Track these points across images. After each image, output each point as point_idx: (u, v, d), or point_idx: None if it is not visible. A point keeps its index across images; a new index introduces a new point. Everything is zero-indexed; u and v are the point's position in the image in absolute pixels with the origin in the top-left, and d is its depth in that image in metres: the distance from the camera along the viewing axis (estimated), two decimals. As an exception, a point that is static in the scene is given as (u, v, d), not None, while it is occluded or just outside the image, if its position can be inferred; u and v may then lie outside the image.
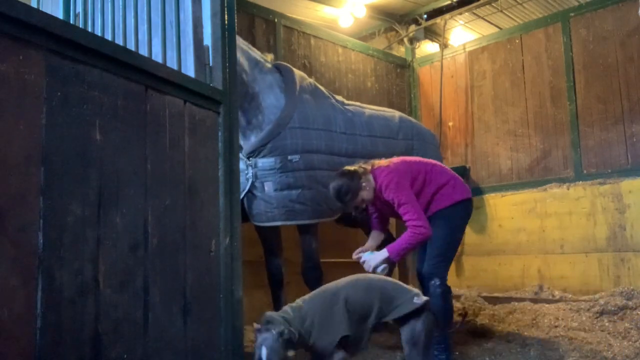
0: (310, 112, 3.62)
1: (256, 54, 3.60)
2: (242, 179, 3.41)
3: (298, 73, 3.81)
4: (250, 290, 3.64)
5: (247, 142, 3.47)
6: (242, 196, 3.39)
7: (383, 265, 3.16)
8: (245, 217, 3.45)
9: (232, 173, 2.05)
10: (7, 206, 1.26)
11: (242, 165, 3.37)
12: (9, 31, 1.29)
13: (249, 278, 3.35)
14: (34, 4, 2.79)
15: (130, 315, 1.57)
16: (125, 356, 1.53)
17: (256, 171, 3.44)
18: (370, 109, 4.21)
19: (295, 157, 3.43)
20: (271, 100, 3.51)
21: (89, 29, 2.51)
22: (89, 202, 1.47)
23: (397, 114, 4.38)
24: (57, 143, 1.40)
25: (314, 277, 3.53)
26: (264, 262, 3.73)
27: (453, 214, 3.24)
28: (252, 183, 3.44)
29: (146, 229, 1.65)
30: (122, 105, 1.62)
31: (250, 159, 3.45)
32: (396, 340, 4.00)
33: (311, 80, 3.93)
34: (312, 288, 3.43)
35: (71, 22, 2.60)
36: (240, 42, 3.30)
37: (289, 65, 3.86)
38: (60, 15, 2.65)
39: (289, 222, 3.47)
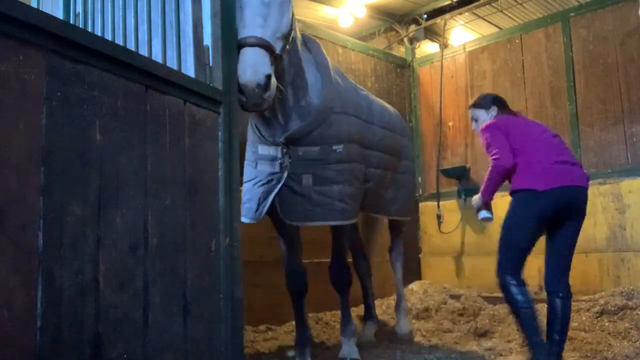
0: (346, 97, 3.16)
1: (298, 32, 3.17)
2: (273, 168, 2.96)
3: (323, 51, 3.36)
4: (250, 290, 3.65)
5: (287, 125, 2.94)
6: (275, 190, 2.93)
7: (483, 213, 3.28)
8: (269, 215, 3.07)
9: (232, 173, 2.05)
10: (7, 206, 1.26)
11: (272, 152, 2.96)
12: (9, 31, 1.29)
13: (248, 278, 3.35)
14: (34, 4, 2.79)
15: (130, 315, 1.57)
16: (125, 356, 1.53)
17: (294, 161, 2.92)
18: (374, 98, 3.85)
19: (339, 148, 2.97)
20: (311, 79, 3.01)
21: (89, 29, 2.51)
22: (89, 202, 1.47)
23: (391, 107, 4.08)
24: (57, 143, 1.40)
25: (345, 281, 3.29)
26: (283, 265, 3.37)
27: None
28: (288, 175, 2.93)
29: (146, 229, 1.65)
30: (122, 105, 1.62)
31: (290, 146, 2.92)
32: (396, 340, 4.00)
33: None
34: (340, 292, 3.31)
35: (71, 22, 2.60)
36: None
37: (314, 40, 3.38)
38: (60, 15, 2.65)
39: (328, 223, 3.03)
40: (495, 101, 3.32)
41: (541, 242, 3.24)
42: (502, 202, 5.47)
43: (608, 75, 5.07)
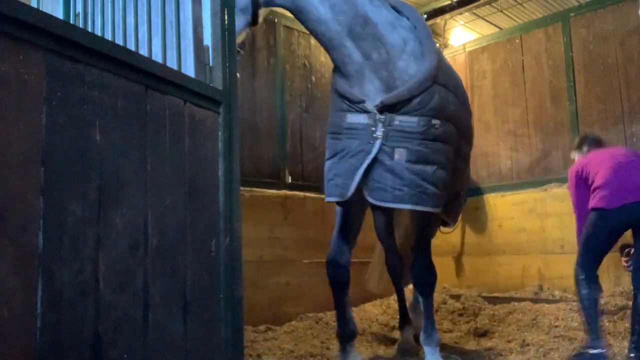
0: (446, 70, 2.78)
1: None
2: (365, 137, 2.63)
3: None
4: (250, 290, 3.65)
5: (371, 84, 2.67)
6: (366, 162, 2.62)
7: None
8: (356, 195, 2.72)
9: (232, 173, 2.05)
10: (7, 206, 1.26)
11: (364, 120, 2.65)
12: (9, 31, 1.29)
13: (249, 278, 3.36)
14: (34, 4, 2.79)
15: (130, 315, 1.57)
16: (125, 356, 1.53)
17: (389, 131, 2.61)
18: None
19: (438, 123, 2.64)
20: (396, 41, 2.69)
21: (89, 29, 2.51)
22: (89, 202, 1.47)
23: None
24: (57, 143, 1.40)
25: (429, 282, 2.93)
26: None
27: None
28: (380, 147, 2.61)
29: (146, 229, 1.65)
30: (122, 105, 1.62)
31: (385, 113, 2.61)
32: (397, 339, 4.00)
33: None
34: (422, 294, 2.93)
35: (71, 22, 2.60)
36: None
37: (407, 4, 3.05)
38: (60, 15, 2.65)
39: (418, 207, 2.67)
40: (586, 141, 3.76)
41: (539, 243, 3.26)
42: (502, 202, 5.46)
43: (608, 75, 5.07)
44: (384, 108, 2.60)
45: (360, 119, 2.64)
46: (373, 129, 2.60)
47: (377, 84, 2.63)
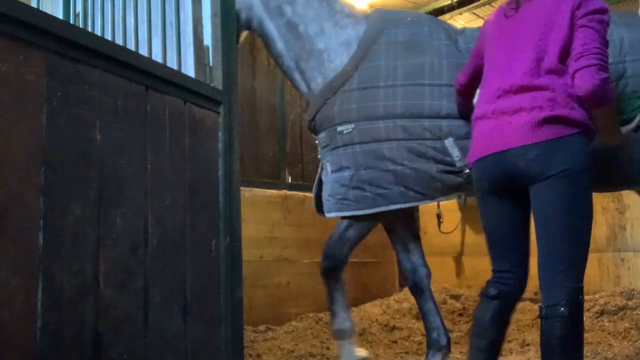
0: (387, 64, 2.72)
1: (338, 3, 2.94)
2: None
3: (394, 14, 2.98)
4: (250, 290, 3.65)
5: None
6: (316, 182, 2.90)
7: None
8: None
9: (232, 173, 2.05)
10: (7, 206, 1.26)
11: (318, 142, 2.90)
12: (9, 31, 1.29)
13: (249, 278, 3.36)
14: (34, 4, 2.78)
15: (130, 315, 1.57)
16: (125, 356, 1.53)
17: (320, 149, 2.82)
18: None
19: (347, 128, 2.67)
20: (342, 61, 2.77)
21: (89, 29, 2.51)
22: (89, 202, 1.47)
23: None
24: (57, 143, 1.40)
25: (324, 266, 2.97)
26: (397, 263, 3.13)
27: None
28: (321, 166, 2.85)
29: (146, 229, 1.65)
30: (122, 105, 1.62)
31: (315, 135, 2.84)
32: (397, 340, 4.01)
33: (420, 16, 3.08)
34: (325, 280, 2.94)
35: (71, 22, 2.60)
36: None
37: (382, 9, 3.06)
38: (60, 15, 2.65)
39: (341, 213, 2.74)
40: None
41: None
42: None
43: (608, 75, 5.07)
44: (312, 130, 2.83)
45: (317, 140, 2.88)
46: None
47: (309, 110, 2.79)
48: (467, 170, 2.55)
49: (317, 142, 2.85)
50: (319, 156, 2.87)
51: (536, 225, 2.16)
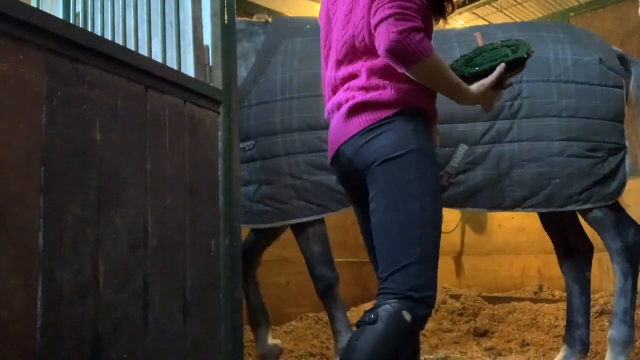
0: (283, 77, 2.66)
1: (240, 21, 2.83)
2: None
3: (294, 22, 2.93)
4: (250, 290, 3.65)
5: None
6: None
7: None
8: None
9: (232, 173, 2.05)
10: (7, 206, 1.26)
11: None
12: (9, 31, 1.29)
13: (249, 278, 3.35)
14: (34, 4, 2.78)
15: (130, 315, 1.57)
16: (125, 356, 1.53)
17: None
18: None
19: (249, 145, 2.66)
20: (241, 74, 2.68)
21: (89, 29, 2.51)
22: (89, 202, 1.47)
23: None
24: (57, 143, 1.40)
25: (318, 289, 2.86)
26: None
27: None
28: None
29: (146, 229, 1.65)
30: (122, 106, 1.62)
31: None
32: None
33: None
34: (324, 304, 2.92)
35: (71, 22, 2.60)
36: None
37: (282, 18, 3.04)
38: (60, 15, 2.65)
39: (249, 226, 2.82)
40: None
41: (539, 243, 3.22)
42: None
43: (608, 75, 5.07)
44: None
45: None
46: None
47: None
48: None
49: None
50: None
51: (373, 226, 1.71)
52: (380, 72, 1.67)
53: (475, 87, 1.71)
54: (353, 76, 1.74)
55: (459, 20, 7.07)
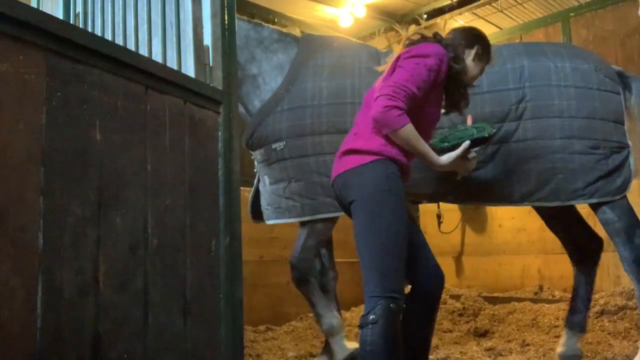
0: (312, 86, 2.98)
1: (266, 30, 3.15)
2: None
3: (322, 39, 3.24)
4: (250, 290, 3.65)
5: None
6: (252, 192, 3.20)
7: None
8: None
9: (232, 173, 2.05)
10: (7, 206, 1.26)
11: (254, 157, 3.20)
12: (9, 31, 1.29)
13: (249, 278, 3.35)
14: (34, 4, 2.79)
15: (130, 315, 1.57)
16: (125, 356, 1.53)
17: (257, 164, 3.14)
18: None
19: (279, 145, 2.94)
20: (277, 83, 3.04)
21: (89, 29, 2.52)
22: (89, 202, 1.47)
23: (505, 49, 3.08)
24: (57, 143, 1.40)
25: (294, 277, 3.13)
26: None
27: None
28: (258, 179, 3.18)
29: (146, 229, 1.65)
30: (122, 106, 1.62)
31: (252, 152, 3.14)
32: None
33: (347, 41, 3.33)
34: (301, 291, 3.14)
35: (71, 22, 2.60)
36: (239, 21, 2.87)
37: (313, 34, 3.34)
38: (60, 15, 2.65)
39: (278, 220, 3.10)
40: None
41: (539, 243, 3.24)
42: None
43: (608, 75, 5.07)
44: (250, 148, 3.11)
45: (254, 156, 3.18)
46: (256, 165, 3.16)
47: (246, 129, 3.07)
48: None
49: (253, 157, 3.15)
50: (255, 170, 3.18)
51: None
52: (373, 127, 2.17)
53: (445, 157, 2.23)
54: (355, 124, 2.32)
55: (459, 20, 7.07)
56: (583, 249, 3.26)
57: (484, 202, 3.07)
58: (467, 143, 2.21)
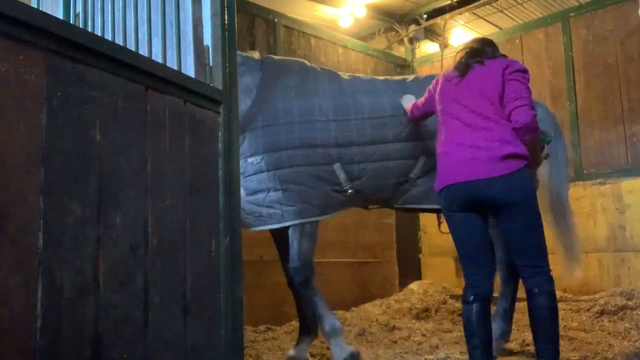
0: (284, 106, 3.31)
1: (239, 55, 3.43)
2: None
3: (284, 62, 3.57)
4: (250, 290, 3.65)
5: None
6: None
7: None
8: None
9: (232, 173, 2.05)
10: (7, 206, 1.26)
11: None
12: (9, 31, 1.29)
13: (249, 278, 3.35)
14: (34, 4, 2.79)
15: (130, 315, 1.57)
16: (125, 356, 1.53)
17: None
18: (398, 81, 3.77)
19: (257, 159, 3.22)
20: (247, 104, 3.27)
21: (89, 29, 2.51)
22: (89, 202, 1.47)
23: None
24: (57, 143, 1.40)
25: (296, 281, 3.28)
26: (282, 264, 3.54)
27: None
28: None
29: (146, 229, 1.65)
30: (122, 105, 1.62)
31: None
32: (397, 340, 4.00)
33: (305, 65, 3.61)
34: (297, 292, 3.36)
35: (71, 22, 2.60)
36: None
37: (273, 57, 3.63)
38: (60, 15, 2.65)
39: (260, 228, 3.32)
40: None
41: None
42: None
43: (608, 75, 5.07)
44: None
45: None
46: None
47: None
48: (350, 191, 3.33)
49: None
50: None
51: (511, 234, 2.67)
52: (511, 133, 2.61)
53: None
54: (489, 129, 2.64)
55: (459, 20, 7.07)
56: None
57: (426, 205, 3.60)
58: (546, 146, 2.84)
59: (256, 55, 3.52)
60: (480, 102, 2.67)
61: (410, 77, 3.89)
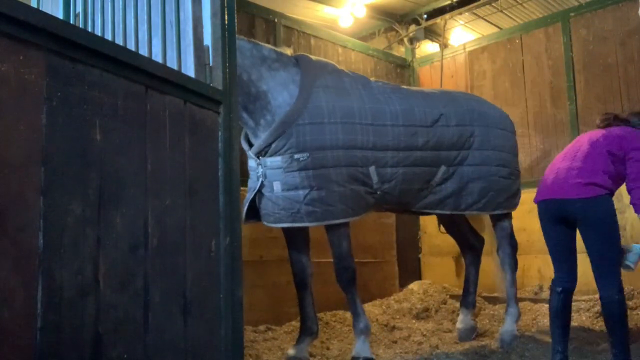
0: (327, 105, 3.40)
1: (265, 49, 3.47)
2: (253, 177, 3.43)
3: (319, 62, 3.65)
4: (250, 290, 3.65)
5: (257, 141, 3.39)
6: (251, 195, 3.38)
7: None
8: (257, 215, 3.45)
9: (232, 173, 2.05)
10: (7, 206, 1.26)
11: (252, 164, 3.41)
12: (9, 31, 1.29)
13: (249, 278, 3.35)
14: (34, 4, 2.79)
15: (130, 315, 1.57)
16: (125, 356, 1.53)
17: (265, 170, 3.34)
18: (419, 92, 4.00)
19: (303, 156, 3.26)
20: (284, 98, 3.37)
21: (89, 29, 2.51)
22: (89, 202, 1.47)
23: (460, 96, 4.11)
24: (57, 143, 1.40)
25: (345, 279, 3.42)
26: (290, 261, 3.59)
27: None
28: (262, 182, 3.36)
29: (146, 229, 1.65)
30: (122, 105, 1.62)
31: (260, 157, 3.35)
32: (397, 340, 4.01)
33: (336, 66, 3.71)
34: (344, 289, 3.45)
35: (71, 22, 2.60)
36: (241, 41, 3.21)
37: (308, 55, 3.69)
38: (60, 15, 2.65)
39: (295, 224, 3.36)
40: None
41: (539, 243, 3.27)
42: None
43: (608, 75, 5.07)
44: (259, 153, 3.34)
45: (252, 163, 3.42)
46: (256, 170, 3.37)
47: (263, 137, 3.34)
48: (379, 193, 3.49)
49: (257, 163, 3.37)
50: (259, 174, 3.37)
51: (587, 247, 3.14)
52: (612, 178, 3.15)
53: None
54: (591, 172, 3.13)
55: (459, 20, 7.07)
56: (471, 246, 4.36)
57: (440, 210, 3.84)
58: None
59: (289, 51, 3.59)
60: (594, 151, 3.16)
61: (437, 90, 4.21)
